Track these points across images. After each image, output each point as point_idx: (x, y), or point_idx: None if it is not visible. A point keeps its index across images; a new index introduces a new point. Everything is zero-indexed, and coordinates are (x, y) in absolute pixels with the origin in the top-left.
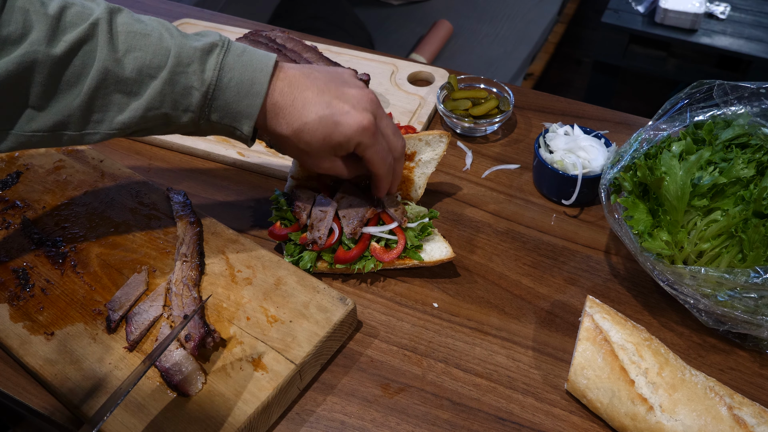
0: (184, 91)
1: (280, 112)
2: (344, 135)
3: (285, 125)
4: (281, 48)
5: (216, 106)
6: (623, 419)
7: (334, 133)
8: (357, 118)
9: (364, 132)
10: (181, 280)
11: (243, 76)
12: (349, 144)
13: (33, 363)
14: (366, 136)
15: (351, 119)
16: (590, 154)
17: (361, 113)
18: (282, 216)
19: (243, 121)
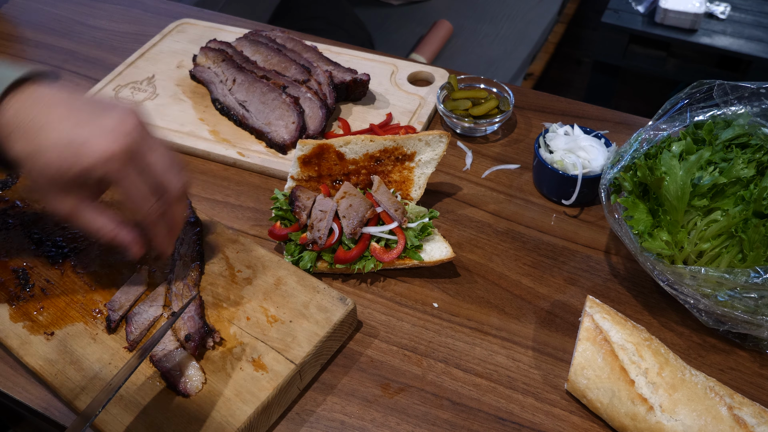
0: None
1: (18, 129)
2: (85, 164)
3: (22, 145)
4: (281, 48)
5: None
6: (623, 419)
7: (75, 161)
8: (105, 145)
9: (109, 161)
10: (181, 280)
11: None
12: (89, 174)
13: (33, 363)
14: (113, 166)
15: (97, 146)
16: (590, 154)
17: (114, 140)
18: (282, 216)
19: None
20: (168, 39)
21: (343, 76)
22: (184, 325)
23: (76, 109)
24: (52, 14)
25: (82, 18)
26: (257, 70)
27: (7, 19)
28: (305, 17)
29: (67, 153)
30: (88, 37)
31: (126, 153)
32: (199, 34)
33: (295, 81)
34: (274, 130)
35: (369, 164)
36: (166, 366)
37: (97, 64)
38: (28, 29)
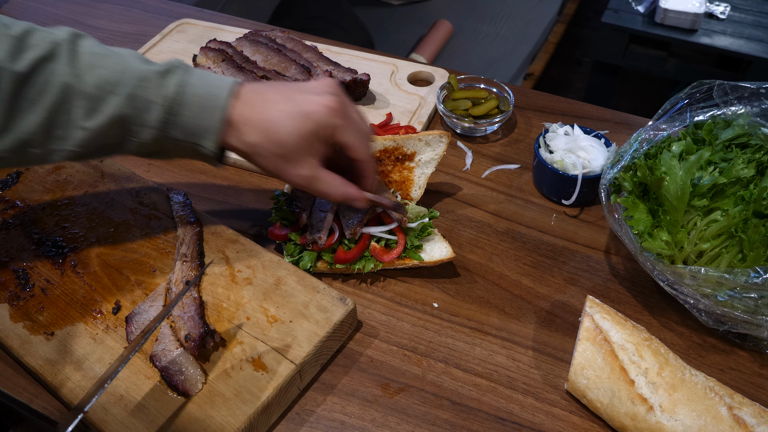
0: (144, 106)
1: (247, 121)
2: (315, 122)
3: (254, 132)
4: (281, 48)
5: (178, 123)
6: (623, 419)
7: (305, 123)
8: (323, 101)
9: (334, 113)
10: (181, 280)
11: (204, 92)
12: (323, 130)
13: (33, 363)
14: (338, 117)
15: (317, 104)
16: (590, 154)
17: (325, 96)
18: (282, 216)
19: (206, 137)
20: (168, 39)
21: (343, 76)
22: (184, 325)
23: (283, 90)
24: (52, 14)
25: (82, 18)
26: (257, 70)
27: None
28: (305, 17)
29: (297, 118)
30: None
31: (342, 104)
32: (199, 34)
33: (295, 81)
34: None
35: None
36: (166, 366)
37: None
38: None
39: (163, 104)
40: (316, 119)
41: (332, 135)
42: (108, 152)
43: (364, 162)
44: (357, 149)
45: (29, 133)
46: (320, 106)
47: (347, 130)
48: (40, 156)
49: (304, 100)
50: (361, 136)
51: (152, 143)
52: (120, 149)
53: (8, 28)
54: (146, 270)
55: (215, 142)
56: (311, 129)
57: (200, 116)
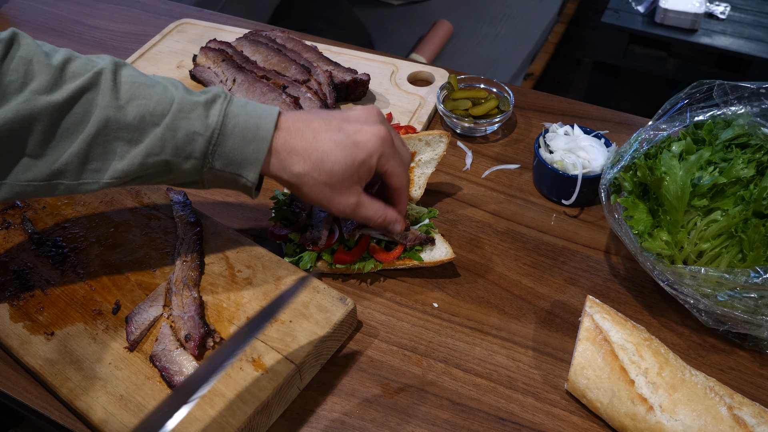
0: (186, 137)
1: (294, 151)
2: (366, 151)
3: (302, 162)
4: (281, 48)
5: (220, 153)
6: (623, 419)
7: (355, 153)
8: (373, 131)
9: (383, 143)
10: (181, 280)
11: (248, 123)
12: (372, 160)
13: (33, 363)
14: (386, 147)
15: (368, 134)
16: (590, 154)
17: (375, 126)
18: (282, 216)
19: (248, 168)
20: (168, 39)
21: (343, 76)
22: (184, 325)
23: (328, 119)
24: (52, 14)
25: (82, 18)
26: (257, 70)
27: (7, 19)
28: (305, 17)
29: (346, 149)
30: (88, 37)
31: (389, 133)
32: (199, 34)
33: (295, 81)
34: None
35: None
36: (166, 366)
37: None
38: (28, 29)
39: (205, 134)
40: (368, 149)
41: (379, 164)
42: (144, 183)
43: (401, 189)
44: (398, 177)
45: (64, 163)
46: (372, 137)
47: (392, 159)
48: (71, 187)
49: (355, 130)
50: (403, 165)
51: (192, 173)
52: (157, 180)
53: (49, 57)
54: (146, 270)
55: (257, 173)
56: (362, 159)
57: (244, 147)
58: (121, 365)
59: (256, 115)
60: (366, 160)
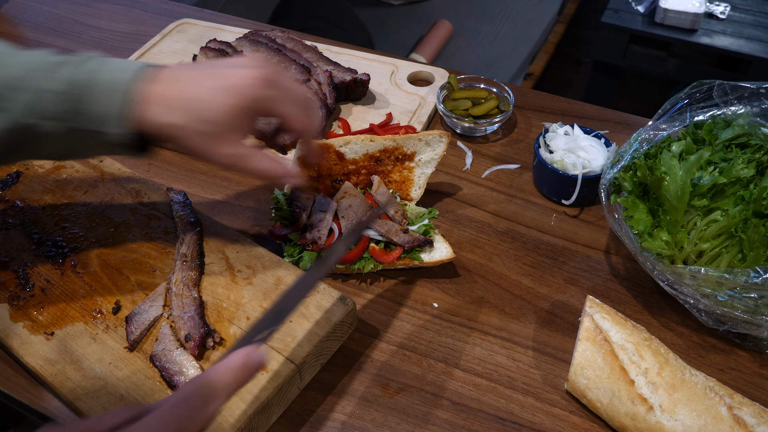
0: (42, 97)
1: (168, 101)
2: (245, 95)
3: (177, 111)
4: (281, 48)
5: (81, 112)
6: (623, 419)
7: (234, 98)
8: (252, 73)
9: (264, 84)
10: (181, 280)
11: (108, 77)
12: (255, 103)
13: (33, 363)
14: (269, 88)
15: (246, 77)
16: (590, 154)
17: (252, 68)
18: (282, 216)
19: (108, 122)
20: (168, 39)
21: (343, 76)
22: (184, 325)
23: (209, 67)
24: (52, 14)
25: (82, 18)
26: None
27: (7, 19)
28: (305, 17)
29: (224, 94)
30: (88, 37)
31: (270, 74)
32: (199, 34)
33: (295, 81)
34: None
35: (369, 164)
36: (166, 366)
37: None
38: (28, 29)
39: (65, 92)
40: (248, 93)
41: (267, 108)
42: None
43: (303, 132)
44: (296, 119)
45: None
46: (250, 79)
47: (283, 101)
48: None
49: (230, 74)
50: (298, 106)
51: (58, 137)
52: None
53: None
54: (146, 270)
55: (120, 126)
56: (242, 104)
57: (102, 101)
58: (121, 365)
59: (120, 69)
60: (247, 106)
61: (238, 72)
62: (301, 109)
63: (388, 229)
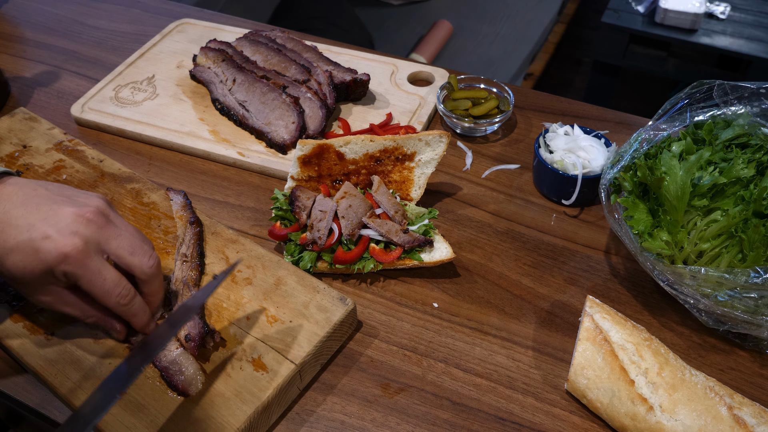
0: None
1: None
2: (45, 263)
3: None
4: (281, 48)
5: None
6: (623, 419)
7: (34, 262)
8: (57, 245)
9: (66, 260)
10: (181, 279)
11: None
12: (55, 273)
13: (33, 363)
14: (71, 265)
15: (50, 245)
16: (590, 154)
17: (65, 238)
18: (282, 216)
19: None
20: (168, 39)
21: (343, 76)
22: (184, 324)
23: (35, 206)
24: (52, 14)
25: (82, 18)
26: (257, 70)
27: (7, 19)
28: (305, 17)
29: (28, 254)
30: (88, 37)
31: (84, 247)
32: (199, 34)
33: (295, 81)
34: (274, 130)
35: (369, 164)
36: (166, 366)
37: (97, 64)
38: (28, 29)
39: None
40: (47, 261)
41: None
42: None
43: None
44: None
45: None
46: (54, 251)
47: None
48: None
49: (40, 234)
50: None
51: None
52: None
53: None
54: None
55: None
56: (41, 269)
57: None
58: None
59: None
60: (47, 272)
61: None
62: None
63: (388, 229)
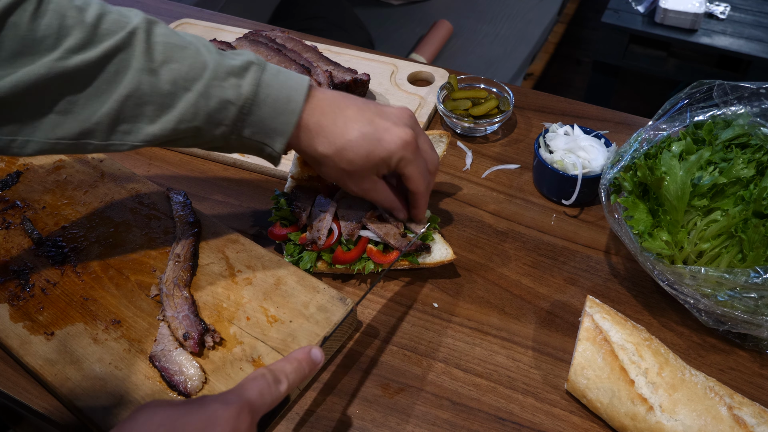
0: (219, 105)
1: (322, 131)
2: (387, 150)
3: (327, 144)
4: (281, 48)
5: (250, 122)
6: (623, 419)
7: (377, 149)
8: (399, 134)
9: (406, 147)
10: (172, 280)
11: (279, 93)
12: (391, 160)
13: (33, 363)
14: (408, 151)
15: (393, 135)
16: (590, 154)
17: (403, 128)
18: (282, 216)
19: (276, 139)
20: None
21: (343, 76)
22: (180, 324)
23: (363, 109)
24: None
25: None
26: None
27: None
28: (305, 17)
29: (370, 144)
30: None
31: (414, 139)
32: (199, 34)
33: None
34: None
35: None
36: (165, 366)
37: None
38: None
39: (237, 103)
40: (388, 149)
41: (398, 165)
42: (171, 145)
43: (418, 195)
44: (414, 182)
45: (94, 123)
46: (396, 138)
47: (412, 164)
48: (100, 147)
49: (382, 127)
50: (422, 172)
51: (219, 139)
52: (184, 143)
53: (82, 13)
54: (146, 270)
55: (284, 144)
56: (381, 156)
57: (275, 118)
58: (121, 365)
59: (288, 86)
60: (385, 159)
61: (389, 128)
62: (424, 174)
63: (386, 231)
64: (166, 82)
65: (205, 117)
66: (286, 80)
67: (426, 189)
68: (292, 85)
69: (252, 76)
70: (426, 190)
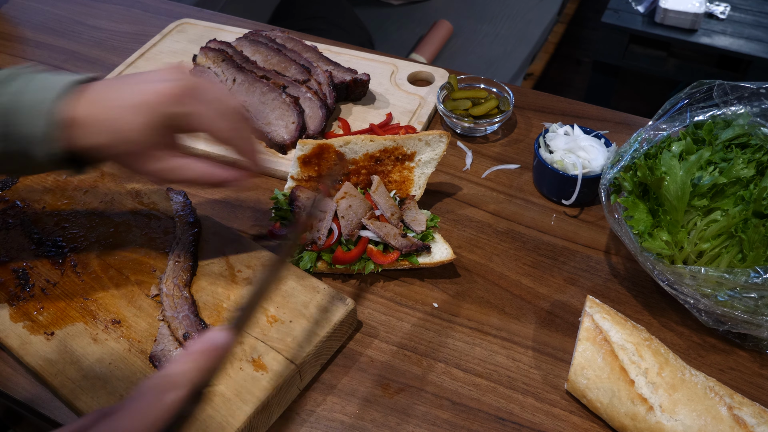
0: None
1: (93, 121)
2: (155, 111)
3: (101, 133)
4: (281, 48)
5: (13, 134)
6: (623, 419)
7: (145, 115)
8: (160, 88)
9: (174, 98)
10: (172, 280)
11: (35, 97)
12: (166, 119)
13: (33, 363)
14: (180, 103)
15: (155, 92)
16: (590, 154)
17: (165, 83)
18: (282, 216)
19: (34, 145)
20: (168, 39)
21: (343, 76)
22: (180, 324)
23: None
24: (52, 14)
25: (82, 18)
26: (257, 70)
27: (7, 19)
28: (305, 17)
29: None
30: (88, 37)
31: (182, 87)
32: (199, 34)
33: (295, 81)
34: (274, 130)
35: (369, 164)
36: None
37: (97, 64)
38: (28, 29)
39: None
40: (159, 110)
41: (185, 124)
42: None
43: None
44: (222, 134)
45: None
46: (160, 95)
47: (202, 116)
48: None
49: (143, 90)
50: (213, 117)
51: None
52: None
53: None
54: (146, 270)
55: (47, 148)
56: (154, 121)
57: (26, 123)
58: (121, 365)
59: (46, 88)
60: (156, 121)
61: (151, 87)
62: (229, 122)
63: (386, 232)
64: None
65: None
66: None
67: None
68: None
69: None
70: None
